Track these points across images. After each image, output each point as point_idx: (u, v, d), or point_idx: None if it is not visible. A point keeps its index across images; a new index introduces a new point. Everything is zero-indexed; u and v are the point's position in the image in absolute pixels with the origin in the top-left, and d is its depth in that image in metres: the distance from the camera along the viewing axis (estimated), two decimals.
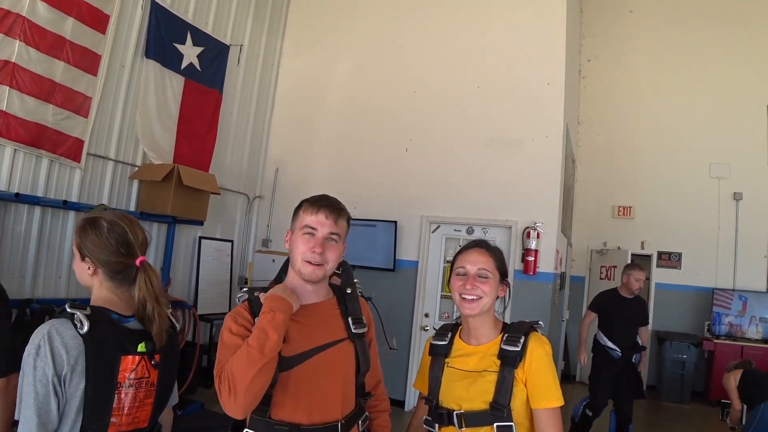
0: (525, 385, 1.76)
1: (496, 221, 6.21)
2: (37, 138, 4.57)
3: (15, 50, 4.32)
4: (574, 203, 9.06)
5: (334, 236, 1.81)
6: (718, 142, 8.71)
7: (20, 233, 4.55)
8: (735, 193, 8.55)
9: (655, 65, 9.20)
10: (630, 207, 9.13)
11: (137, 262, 1.77)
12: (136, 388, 1.69)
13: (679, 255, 8.84)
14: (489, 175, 6.35)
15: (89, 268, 1.76)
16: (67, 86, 4.78)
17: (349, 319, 1.89)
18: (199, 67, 6.17)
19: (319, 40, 7.64)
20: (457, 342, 1.95)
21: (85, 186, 5.11)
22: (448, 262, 6.59)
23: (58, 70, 4.69)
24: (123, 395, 1.65)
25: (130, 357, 1.68)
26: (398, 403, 6.42)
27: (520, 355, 1.76)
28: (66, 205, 4.75)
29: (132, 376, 1.68)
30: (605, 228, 9.26)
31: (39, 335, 1.55)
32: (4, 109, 4.30)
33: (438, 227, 6.67)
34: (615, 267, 8.91)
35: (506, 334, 1.84)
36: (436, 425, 1.85)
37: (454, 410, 1.79)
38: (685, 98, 8.94)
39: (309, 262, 1.78)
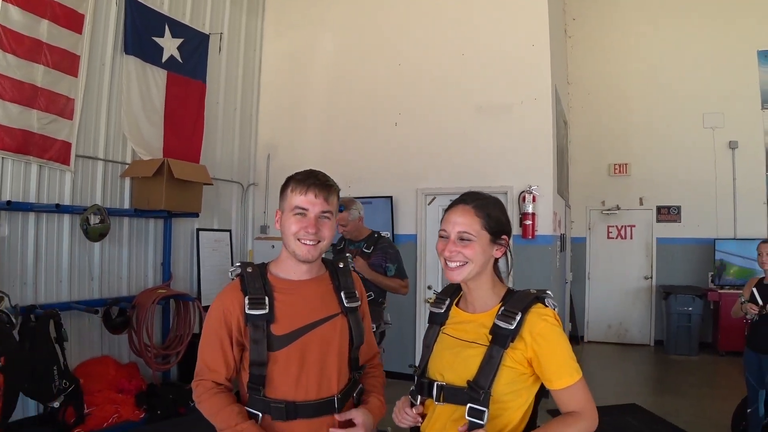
0: (530, 364, 1.58)
1: (491, 188, 6.16)
2: (24, 144, 4.56)
3: None
4: (570, 164, 9.03)
5: (326, 214, 1.79)
6: (710, 92, 8.65)
7: (17, 240, 4.57)
8: (730, 141, 8.51)
9: (641, 19, 9.10)
10: (626, 164, 9.10)
11: None
12: None
13: (678, 208, 8.84)
14: (481, 142, 6.33)
15: None
16: (49, 89, 4.75)
17: (342, 294, 1.88)
18: (180, 59, 6.11)
19: (299, 19, 7.54)
20: (454, 310, 1.78)
21: (77, 188, 5.11)
22: None
23: (39, 74, 4.66)
24: None
25: None
26: (408, 377, 6.45)
27: (512, 335, 1.56)
28: (59, 208, 4.75)
29: None
30: (602, 187, 9.26)
31: None
32: None
33: (434, 199, 6.66)
34: (633, 226, 8.98)
35: (503, 306, 1.62)
36: (419, 396, 1.71)
37: (436, 381, 1.65)
38: (674, 50, 8.85)
39: (303, 242, 1.76)
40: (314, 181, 1.79)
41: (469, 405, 1.55)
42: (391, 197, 6.68)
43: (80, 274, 5.10)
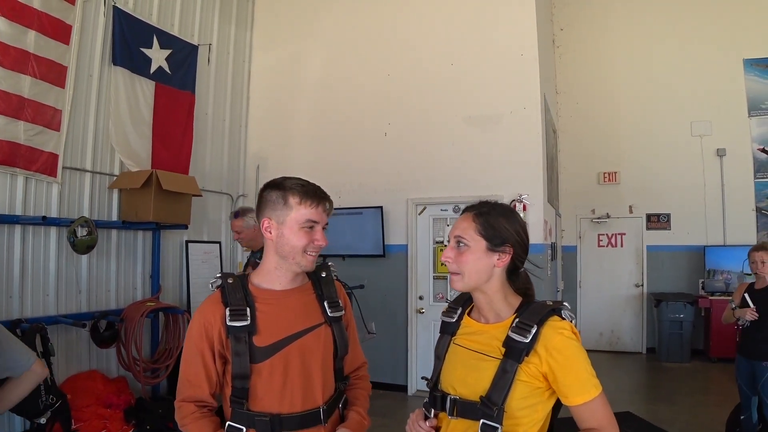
0: (546, 379, 1.52)
1: (482, 197, 5.98)
2: (10, 156, 4.50)
3: None
4: (559, 173, 9.07)
5: (326, 225, 1.82)
6: (697, 100, 8.73)
7: (2, 253, 4.49)
8: (718, 149, 8.57)
9: (629, 28, 9.20)
10: (615, 172, 9.15)
11: None
12: None
13: (668, 216, 8.88)
14: (471, 152, 6.34)
15: None
16: (36, 101, 4.69)
17: (326, 303, 1.86)
18: (168, 70, 6.08)
19: (288, 31, 7.56)
20: (466, 319, 1.73)
21: (64, 200, 5.04)
22: (437, 242, 6.58)
23: (25, 85, 4.60)
24: None
25: None
26: (401, 388, 6.44)
27: (527, 349, 1.50)
28: (45, 221, 4.67)
29: None
30: (592, 195, 9.30)
31: None
32: None
33: (424, 209, 6.65)
34: (623, 234, 9.04)
35: (518, 318, 1.56)
36: (432, 409, 1.68)
37: (449, 395, 1.63)
38: (662, 58, 8.94)
39: (309, 254, 1.78)
40: (322, 194, 1.81)
41: (482, 421, 1.52)
42: (381, 207, 6.66)
43: (67, 287, 5.02)
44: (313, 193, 1.78)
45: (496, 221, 1.65)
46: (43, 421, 4.03)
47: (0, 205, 4.49)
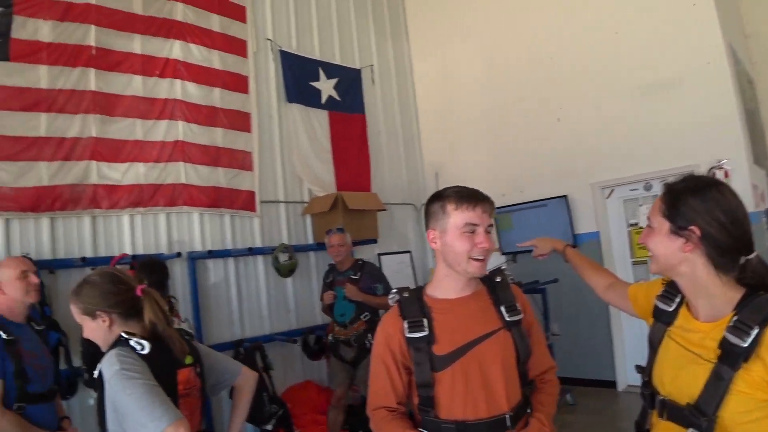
0: None
1: (674, 169, 5.55)
2: (216, 199, 5.19)
3: (180, 130, 5.00)
4: (765, 128, 7.93)
5: (489, 228, 1.80)
6: None
7: (221, 285, 5.18)
8: None
9: None
10: None
11: (138, 292, 1.91)
12: (190, 396, 1.94)
13: None
14: (653, 123, 5.81)
15: (104, 321, 1.86)
16: (229, 148, 5.37)
17: (502, 308, 1.84)
18: (338, 97, 6.54)
19: (443, 35, 7.66)
20: (683, 312, 1.53)
21: (265, 231, 5.66)
22: (631, 225, 6.16)
23: (218, 136, 5.30)
24: (181, 404, 1.84)
25: (184, 370, 1.93)
26: (609, 384, 6.08)
27: (745, 354, 1.27)
28: (252, 251, 5.32)
29: (185, 386, 1.91)
30: None
31: (113, 360, 1.74)
32: (184, 182, 4.96)
33: (612, 191, 6.27)
34: None
35: (737, 317, 1.33)
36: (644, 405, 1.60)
37: (659, 394, 1.51)
38: None
39: (476, 259, 1.76)
40: (480, 196, 1.80)
41: (690, 430, 1.38)
42: (565, 196, 6.41)
43: (278, 307, 5.63)
44: (468, 196, 1.78)
45: (682, 200, 1.46)
46: (269, 427, 4.55)
47: (215, 242, 5.19)
